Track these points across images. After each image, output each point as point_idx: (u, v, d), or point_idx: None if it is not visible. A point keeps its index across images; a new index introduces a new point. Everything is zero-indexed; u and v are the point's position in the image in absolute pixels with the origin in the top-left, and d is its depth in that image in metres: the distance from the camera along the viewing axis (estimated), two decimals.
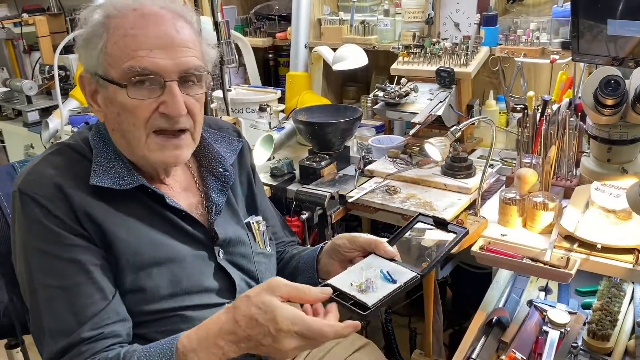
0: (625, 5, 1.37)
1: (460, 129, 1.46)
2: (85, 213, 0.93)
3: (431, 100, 1.80)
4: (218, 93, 2.17)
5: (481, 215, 1.55)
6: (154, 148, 0.95)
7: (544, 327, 1.41)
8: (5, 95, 2.94)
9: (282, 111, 2.30)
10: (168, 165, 1.01)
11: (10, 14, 3.40)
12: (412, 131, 1.72)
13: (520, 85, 1.91)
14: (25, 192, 0.92)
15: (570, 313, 1.44)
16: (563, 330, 1.39)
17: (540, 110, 1.65)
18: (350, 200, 1.64)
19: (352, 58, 2.00)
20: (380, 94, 1.87)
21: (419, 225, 1.05)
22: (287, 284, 0.81)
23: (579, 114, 1.62)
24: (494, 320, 1.43)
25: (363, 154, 1.89)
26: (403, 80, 1.89)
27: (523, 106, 1.75)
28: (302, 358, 1.26)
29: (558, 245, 1.37)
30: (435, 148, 1.48)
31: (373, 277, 0.90)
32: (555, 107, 1.62)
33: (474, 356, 1.35)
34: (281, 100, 2.32)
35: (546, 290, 1.57)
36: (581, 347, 1.35)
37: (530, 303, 1.52)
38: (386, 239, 1.01)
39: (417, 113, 1.77)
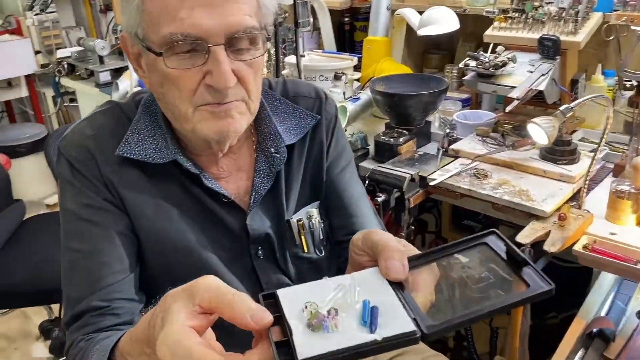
0: None
1: (572, 107, 1.25)
2: (111, 181, 0.87)
3: (532, 72, 1.58)
4: (291, 59, 2.03)
5: (585, 209, 1.35)
6: (205, 117, 0.81)
7: None
8: (80, 54, 2.94)
9: (357, 80, 2.14)
10: (220, 136, 0.84)
11: None
12: (508, 107, 1.51)
13: (637, 59, 1.65)
14: (61, 151, 0.88)
15: None
16: None
17: None
18: (432, 183, 1.47)
19: (441, 22, 1.79)
20: (472, 63, 1.66)
21: (482, 248, 0.60)
22: (214, 288, 0.51)
23: None
24: (594, 331, 1.25)
25: (447, 130, 1.70)
26: (499, 49, 1.68)
27: (638, 83, 1.50)
28: None
29: None
30: (542, 129, 1.28)
31: (343, 309, 0.52)
32: None
33: None
34: (356, 68, 2.16)
35: None
36: None
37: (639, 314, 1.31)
38: (410, 249, 0.60)
39: (515, 87, 1.56)
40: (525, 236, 1.26)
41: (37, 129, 3.45)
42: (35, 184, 3.30)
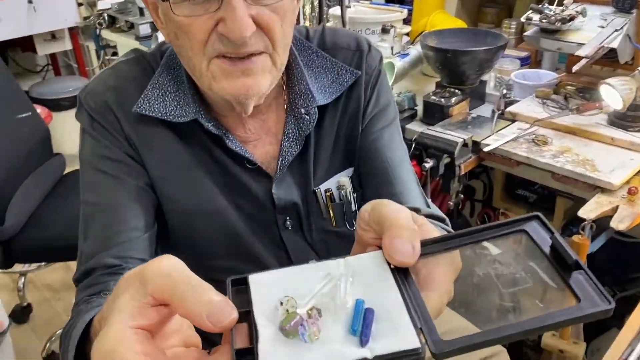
0: None
1: None
2: (131, 137, 0.81)
3: (603, 27, 1.41)
4: (335, 10, 1.91)
5: None
6: (219, 74, 0.72)
7: None
8: (120, 6, 2.89)
9: (407, 34, 2.00)
10: (238, 98, 0.74)
11: None
12: (575, 67, 1.36)
13: None
14: (81, 101, 0.83)
15: None
16: None
17: None
18: (486, 149, 1.35)
19: None
20: (536, 17, 1.50)
21: (520, 237, 0.44)
22: (164, 275, 0.38)
23: None
24: None
25: (504, 91, 1.56)
26: (567, 1, 1.51)
27: None
28: None
29: None
30: (617, 92, 1.13)
31: (329, 309, 0.40)
32: None
33: (632, 359, 1.07)
34: (406, 21, 2.02)
35: None
36: None
37: None
38: (427, 230, 0.45)
39: (584, 44, 1.40)
40: (589, 211, 1.14)
41: (80, 83, 3.44)
42: (77, 137, 3.31)
